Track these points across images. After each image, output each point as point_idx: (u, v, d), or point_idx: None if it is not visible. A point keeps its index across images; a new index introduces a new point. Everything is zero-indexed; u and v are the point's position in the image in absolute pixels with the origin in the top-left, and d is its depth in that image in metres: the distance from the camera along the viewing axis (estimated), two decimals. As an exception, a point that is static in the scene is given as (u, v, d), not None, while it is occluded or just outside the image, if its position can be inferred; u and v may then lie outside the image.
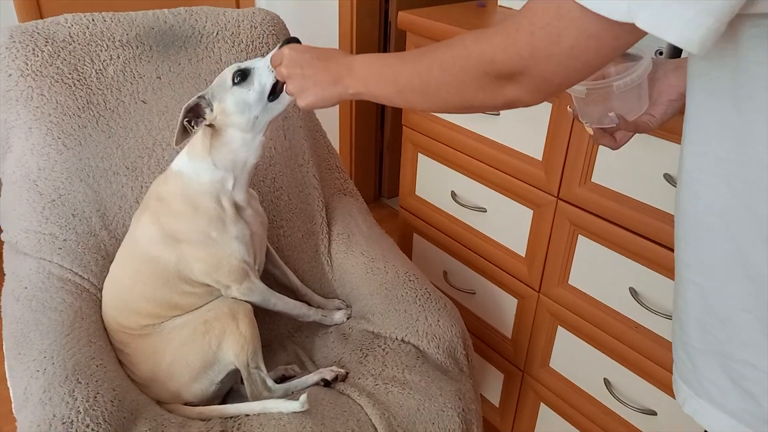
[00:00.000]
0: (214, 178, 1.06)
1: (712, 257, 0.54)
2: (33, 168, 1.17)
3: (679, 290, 0.60)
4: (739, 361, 0.54)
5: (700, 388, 0.59)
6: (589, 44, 0.50)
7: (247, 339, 1.06)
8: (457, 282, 1.54)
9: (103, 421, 0.89)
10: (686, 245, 0.58)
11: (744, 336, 0.53)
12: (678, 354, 0.63)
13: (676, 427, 1.14)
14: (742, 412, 0.55)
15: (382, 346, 1.17)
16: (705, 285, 0.56)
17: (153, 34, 1.30)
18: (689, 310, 0.58)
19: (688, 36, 0.44)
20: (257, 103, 1.00)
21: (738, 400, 0.55)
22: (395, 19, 2.36)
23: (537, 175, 1.23)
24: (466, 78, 0.60)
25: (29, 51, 1.18)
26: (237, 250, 1.07)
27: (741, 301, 0.52)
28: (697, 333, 0.58)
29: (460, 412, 1.08)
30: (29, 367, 0.96)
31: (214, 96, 1.02)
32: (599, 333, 1.21)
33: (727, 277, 0.53)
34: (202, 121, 1.02)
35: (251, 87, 1.00)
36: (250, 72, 1.00)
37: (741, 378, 0.54)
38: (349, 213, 1.44)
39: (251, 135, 1.04)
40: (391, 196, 2.78)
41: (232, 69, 1.01)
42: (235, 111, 1.01)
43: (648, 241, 1.07)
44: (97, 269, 1.17)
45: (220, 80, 1.03)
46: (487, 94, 0.60)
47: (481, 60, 0.58)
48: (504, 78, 0.57)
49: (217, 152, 1.05)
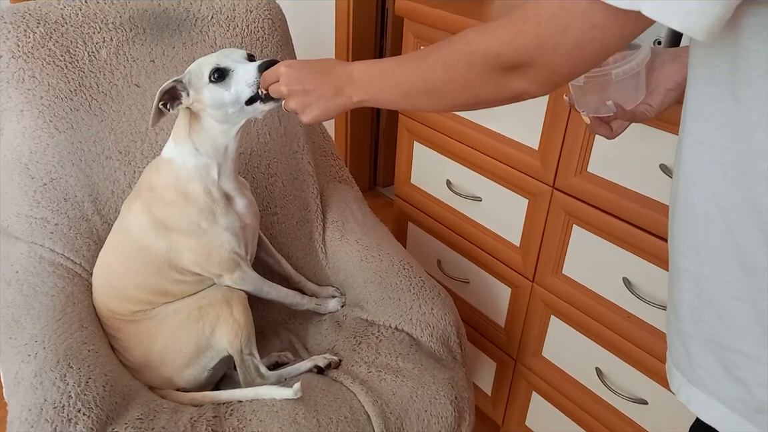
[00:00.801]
0: (198, 164, 1.04)
1: (707, 246, 0.54)
2: (24, 151, 1.16)
3: (673, 279, 0.61)
4: (732, 349, 0.54)
5: (694, 375, 0.59)
6: (595, 34, 0.50)
7: (240, 325, 1.05)
8: (451, 271, 1.54)
9: (95, 406, 0.89)
10: (681, 234, 0.58)
11: (737, 325, 0.53)
12: (672, 342, 0.63)
13: (667, 416, 1.15)
14: (735, 401, 0.56)
15: (376, 333, 1.17)
16: (699, 274, 0.56)
17: (147, 16, 1.29)
18: (684, 299, 0.59)
19: (694, 23, 0.44)
20: (233, 104, 0.98)
21: (731, 389, 0.55)
22: (392, 6, 2.34)
23: (533, 165, 1.23)
24: (472, 74, 0.60)
25: (21, 32, 1.16)
26: (227, 241, 1.07)
27: (735, 290, 0.53)
28: (691, 321, 0.58)
29: (452, 400, 1.08)
30: (20, 351, 0.95)
31: (191, 83, 0.99)
32: (592, 322, 1.21)
33: (722, 266, 0.53)
34: (179, 104, 1.00)
35: (228, 89, 0.97)
36: (229, 74, 0.96)
37: (734, 366, 0.55)
38: (344, 200, 1.44)
39: (227, 126, 1.02)
40: (386, 184, 2.78)
41: (210, 64, 0.97)
42: (211, 105, 0.99)
43: (642, 231, 1.07)
44: (89, 254, 1.16)
45: (196, 70, 0.99)
46: (494, 88, 0.60)
47: (487, 54, 0.58)
48: (511, 70, 0.57)
49: (197, 136, 1.03)
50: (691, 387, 0.60)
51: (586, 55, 0.52)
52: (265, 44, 1.39)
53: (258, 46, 1.38)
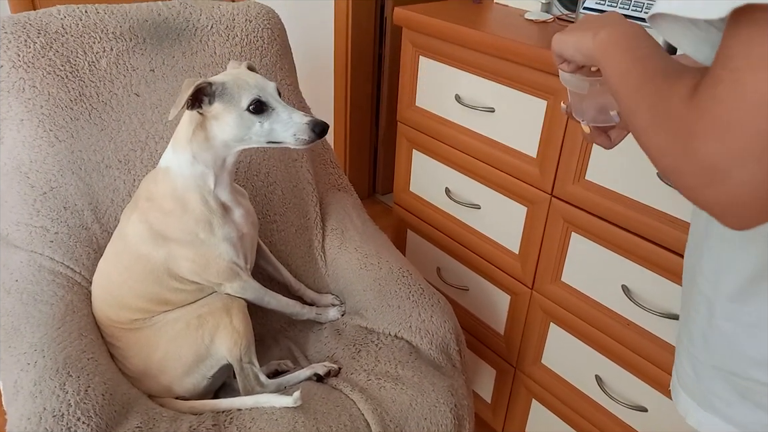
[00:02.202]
0: (195, 172, 1.03)
1: (732, 270, 0.53)
2: (25, 160, 1.16)
3: (691, 300, 0.60)
4: (746, 378, 0.54)
5: (705, 400, 0.59)
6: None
7: (240, 334, 1.05)
8: (450, 278, 1.54)
9: (94, 415, 0.89)
10: (711, 257, 0.56)
11: (751, 353, 0.53)
12: (682, 364, 0.62)
13: (667, 423, 1.14)
14: (751, 425, 0.55)
15: (375, 341, 1.17)
16: (715, 299, 0.55)
17: (147, 26, 1.29)
18: (698, 322, 0.58)
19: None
20: (257, 136, 0.99)
21: (747, 413, 0.55)
22: (391, 15, 2.36)
23: (531, 173, 1.23)
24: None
25: (21, 42, 1.17)
26: (225, 251, 1.07)
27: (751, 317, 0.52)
28: (703, 347, 0.58)
29: (452, 408, 1.08)
30: (20, 360, 0.95)
31: (223, 97, 0.98)
32: (591, 330, 1.21)
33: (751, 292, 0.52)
34: (198, 107, 0.99)
35: (262, 123, 0.98)
36: (267, 110, 0.98)
37: (749, 392, 0.54)
38: (343, 208, 1.44)
39: (234, 143, 1.02)
40: (385, 192, 2.78)
41: (251, 94, 0.97)
42: (233, 126, 0.99)
43: (641, 239, 1.07)
44: (89, 263, 1.16)
45: (234, 89, 0.97)
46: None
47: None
48: None
49: (198, 145, 1.02)
50: (701, 411, 0.60)
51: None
52: (265, 53, 1.40)
53: (257, 56, 1.39)
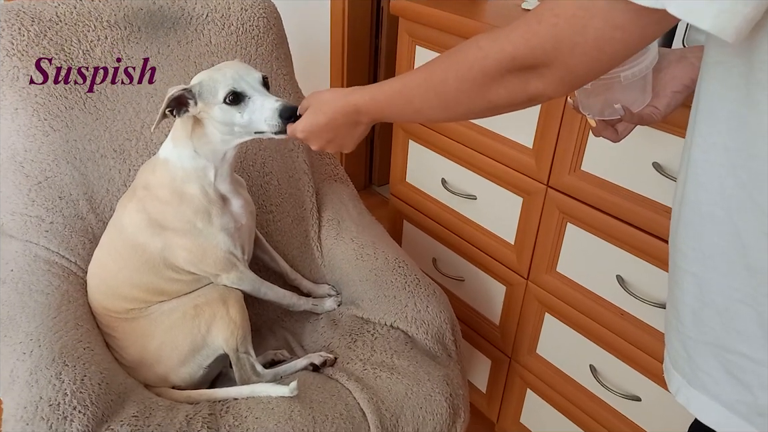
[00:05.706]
0: (197, 165, 1.04)
1: (713, 248, 0.54)
2: (19, 149, 1.16)
3: (675, 280, 0.60)
4: (735, 352, 0.54)
5: (694, 377, 0.59)
6: (615, 35, 0.48)
7: (236, 324, 1.05)
8: (446, 269, 1.55)
9: (90, 404, 0.89)
10: (686, 236, 0.57)
11: (740, 328, 0.53)
12: (672, 343, 0.63)
13: (660, 413, 1.16)
14: (736, 403, 0.55)
15: (371, 331, 1.17)
16: (703, 276, 0.56)
17: (141, 15, 1.28)
18: (686, 301, 0.58)
19: (725, 24, 0.42)
20: (242, 126, 0.97)
21: (732, 391, 0.55)
22: (387, 5, 2.34)
23: (527, 163, 1.23)
24: (487, 80, 0.59)
25: (15, 30, 1.16)
26: (222, 241, 1.07)
27: (739, 293, 0.52)
28: (693, 323, 0.58)
29: (447, 397, 1.08)
30: (16, 349, 0.95)
31: (201, 95, 0.97)
32: (586, 320, 1.22)
33: (727, 269, 0.53)
34: (185, 111, 0.99)
35: (241, 113, 0.96)
36: (244, 99, 0.95)
37: (736, 369, 0.54)
38: (339, 199, 1.44)
39: (230, 137, 1.02)
40: (381, 183, 2.78)
41: (226, 86, 0.95)
42: (220, 121, 0.98)
43: (636, 229, 1.07)
44: (84, 252, 1.16)
45: (209, 86, 0.97)
46: (509, 92, 0.59)
47: (501, 58, 0.57)
48: (526, 72, 0.56)
49: (198, 140, 1.03)
50: (690, 389, 0.60)
51: (604, 56, 0.51)
52: (260, 43, 1.39)
53: (253, 45, 1.38)
